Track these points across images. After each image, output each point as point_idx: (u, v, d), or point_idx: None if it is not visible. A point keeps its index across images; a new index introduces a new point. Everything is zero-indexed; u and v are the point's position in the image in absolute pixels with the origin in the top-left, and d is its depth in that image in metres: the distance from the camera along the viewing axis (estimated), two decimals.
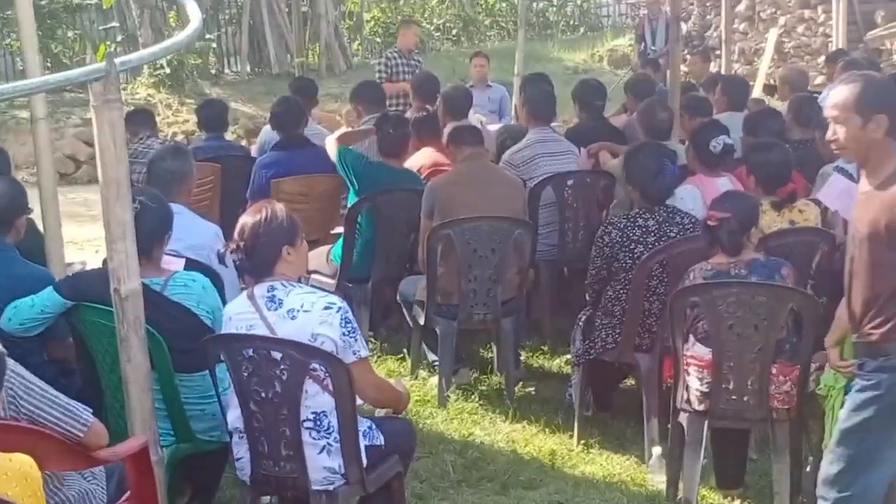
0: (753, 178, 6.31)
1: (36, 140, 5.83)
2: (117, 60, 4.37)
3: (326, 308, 4.38)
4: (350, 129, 8.61)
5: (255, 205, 4.62)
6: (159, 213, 4.94)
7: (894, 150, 4.16)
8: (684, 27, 18.34)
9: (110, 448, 4.02)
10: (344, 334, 4.38)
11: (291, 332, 4.37)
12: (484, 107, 10.98)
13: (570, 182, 7.66)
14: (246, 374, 4.43)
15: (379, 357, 7.38)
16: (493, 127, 9.51)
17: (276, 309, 4.42)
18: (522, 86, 9.74)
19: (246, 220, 4.50)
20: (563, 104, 9.08)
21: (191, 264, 5.15)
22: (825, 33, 16.86)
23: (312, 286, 4.53)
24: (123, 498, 4.17)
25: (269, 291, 4.45)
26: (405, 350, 7.41)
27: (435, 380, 6.88)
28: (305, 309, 4.38)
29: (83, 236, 10.98)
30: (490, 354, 7.38)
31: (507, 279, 6.74)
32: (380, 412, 5.01)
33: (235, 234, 4.51)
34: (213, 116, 9.15)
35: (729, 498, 5.47)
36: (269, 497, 4.53)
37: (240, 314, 4.50)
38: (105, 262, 4.69)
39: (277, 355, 4.35)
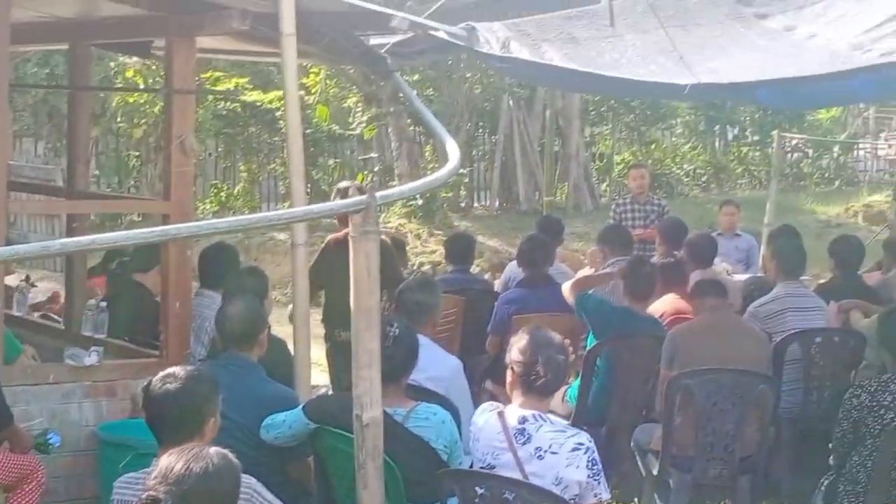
0: None
1: (294, 264, 6.09)
2: (378, 194, 4.54)
3: (574, 450, 4.39)
4: (589, 271, 8.65)
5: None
6: (409, 344, 5.03)
7: None
8: None
9: None
10: (589, 476, 4.39)
11: (537, 471, 4.38)
12: (731, 255, 10.80)
13: (817, 339, 7.41)
14: None
15: None
16: (740, 277, 9.36)
17: (524, 443, 4.44)
18: (771, 238, 9.57)
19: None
20: (813, 258, 8.85)
21: (431, 397, 5.23)
22: None
23: (559, 421, 4.52)
24: None
25: (520, 423, 4.47)
26: (636, 500, 7.26)
27: None
28: (553, 451, 4.40)
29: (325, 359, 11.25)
30: None
31: (746, 435, 6.54)
32: None
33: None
34: (460, 250, 9.28)
35: None
36: None
37: (489, 440, 4.53)
38: (349, 388, 4.81)
39: (510, 496, 4.35)
